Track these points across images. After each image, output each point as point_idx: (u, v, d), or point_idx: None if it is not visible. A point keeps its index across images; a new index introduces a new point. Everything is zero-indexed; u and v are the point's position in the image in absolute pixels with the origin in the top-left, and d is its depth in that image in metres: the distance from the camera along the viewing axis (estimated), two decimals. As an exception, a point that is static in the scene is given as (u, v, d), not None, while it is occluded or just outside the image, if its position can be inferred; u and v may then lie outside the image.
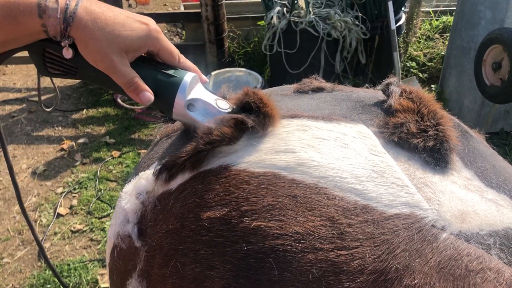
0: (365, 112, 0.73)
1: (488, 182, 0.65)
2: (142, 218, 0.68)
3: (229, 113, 0.69)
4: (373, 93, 0.80)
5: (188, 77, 0.69)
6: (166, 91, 0.69)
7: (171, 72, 0.70)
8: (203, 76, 0.76)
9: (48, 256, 2.48)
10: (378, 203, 0.56)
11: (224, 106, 0.70)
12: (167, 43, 0.70)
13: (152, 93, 0.68)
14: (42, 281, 2.33)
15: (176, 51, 0.72)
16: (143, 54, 0.72)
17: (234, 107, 0.70)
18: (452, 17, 3.71)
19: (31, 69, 4.49)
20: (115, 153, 3.30)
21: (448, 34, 4.03)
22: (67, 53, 0.67)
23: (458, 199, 0.60)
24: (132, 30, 0.66)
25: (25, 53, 0.72)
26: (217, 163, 0.63)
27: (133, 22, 0.67)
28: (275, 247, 0.54)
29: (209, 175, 0.62)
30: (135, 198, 0.70)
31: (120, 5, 3.94)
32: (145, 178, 0.70)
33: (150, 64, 0.70)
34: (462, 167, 0.66)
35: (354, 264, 0.53)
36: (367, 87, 0.91)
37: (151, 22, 0.69)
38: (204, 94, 0.71)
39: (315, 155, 0.60)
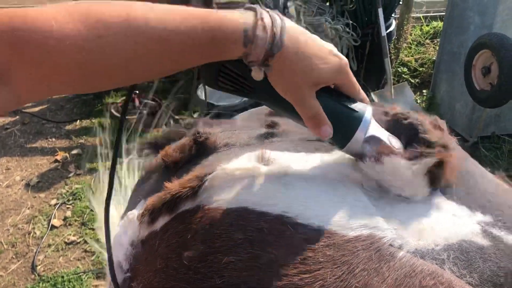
0: None
1: (449, 195, 0.68)
2: (134, 260, 0.72)
3: (399, 152, 0.67)
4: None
5: (368, 112, 0.66)
6: (346, 125, 0.66)
7: (352, 105, 0.66)
8: (367, 99, 0.72)
9: (42, 269, 2.49)
10: (339, 227, 0.60)
11: (397, 145, 0.68)
12: (352, 77, 0.67)
13: (332, 128, 0.64)
14: (35, 294, 2.34)
15: (358, 84, 0.68)
16: None
17: (406, 152, 0.67)
18: (442, 23, 3.74)
19: None
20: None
21: (438, 40, 4.06)
22: (258, 76, 0.62)
23: (416, 216, 0.63)
24: (327, 64, 0.63)
25: None
26: (195, 203, 0.67)
27: (327, 54, 0.64)
28: (245, 279, 0.58)
29: (188, 215, 0.66)
30: (126, 245, 0.74)
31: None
32: (132, 219, 0.73)
33: (333, 95, 0.67)
34: None
35: (316, 285, 0.56)
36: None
37: (342, 56, 0.66)
38: (379, 131, 0.68)
39: (280, 187, 0.64)
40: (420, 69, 4.17)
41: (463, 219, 0.65)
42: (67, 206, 2.94)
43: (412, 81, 4.10)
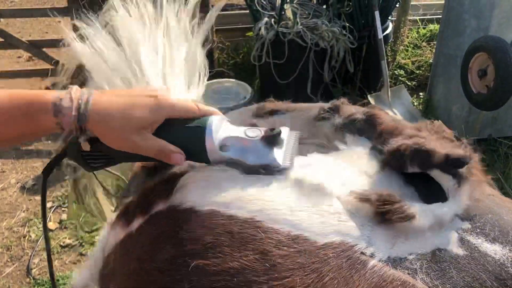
0: (312, 133, 0.75)
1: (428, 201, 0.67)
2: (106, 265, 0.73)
3: (260, 139, 0.70)
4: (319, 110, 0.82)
5: (210, 120, 0.70)
6: (195, 143, 0.69)
7: (194, 124, 0.70)
8: (220, 113, 0.76)
9: (37, 272, 2.49)
10: (310, 232, 0.59)
11: (254, 134, 0.71)
12: (180, 104, 0.71)
13: (182, 152, 0.69)
14: (30, 297, 2.33)
15: (191, 105, 0.72)
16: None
17: (263, 133, 0.71)
18: (439, 26, 3.74)
19: (21, 83, 4.51)
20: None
21: (435, 42, 4.06)
22: (85, 146, 0.71)
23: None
24: (143, 108, 0.68)
25: (13, 67, 0.76)
26: (167, 203, 0.67)
27: (142, 99, 0.69)
28: (212, 284, 0.57)
29: (160, 217, 0.66)
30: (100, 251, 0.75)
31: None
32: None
33: (174, 124, 0.71)
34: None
35: None
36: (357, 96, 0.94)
37: (160, 92, 0.71)
38: (231, 130, 0.72)
39: (252, 189, 0.63)
40: (417, 71, 4.16)
41: (442, 229, 0.63)
42: (63, 209, 2.94)
43: (409, 83, 4.10)
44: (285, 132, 0.71)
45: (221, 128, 0.71)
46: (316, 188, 0.63)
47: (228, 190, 0.64)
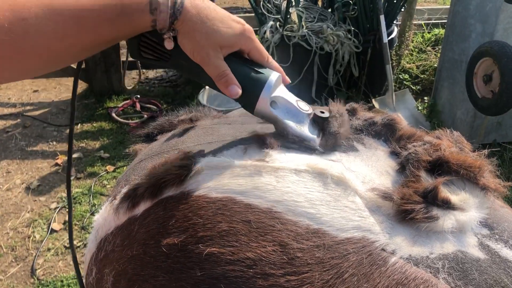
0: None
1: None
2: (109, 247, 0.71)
3: (308, 115, 0.73)
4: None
5: (274, 76, 0.72)
6: (253, 86, 0.71)
7: (259, 69, 0.73)
8: (287, 78, 0.78)
9: (41, 273, 2.49)
10: (330, 227, 0.57)
11: (305, 107, 0.74)
12: (258, 43, 0.74)
13: (240, 88, 0.71)
14: (34, 297, 2.33)
15: (265, 52, 0.75)
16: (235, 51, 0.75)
17: (312, 111, 0.74)
18: (444, 30, 3.74)
19: (26, 84, 4.52)
20: (110, 168, 3.31)
21: (440, 47, 4.06)
22: (169, 44, 0.70)
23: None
24: (230, 28, 0.70)
25: None
26: (180, 189, 0.64)
27: (230, 20, 0.71)
28: (226, 273, 0.55)
29: (171, 202, 0.64)
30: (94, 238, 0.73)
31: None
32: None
33: (241, 60, 0.74)
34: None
35: None
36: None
37: (246, 24, 0.74)
38: (286, 94, 0.74)
39: (271, 179, 0.62)
40: (422, 76, 4.16)
41: (460, 232, 0.63)
42: (67, 210, 2.93)
43: (414, 88, 4.10)
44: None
45: (278, 87, 0.73)
46: (338, 183, 0.62)
47: (245, 178, 0.62)
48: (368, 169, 0.67)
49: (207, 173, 0.65)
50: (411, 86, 4.09)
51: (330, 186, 0.62)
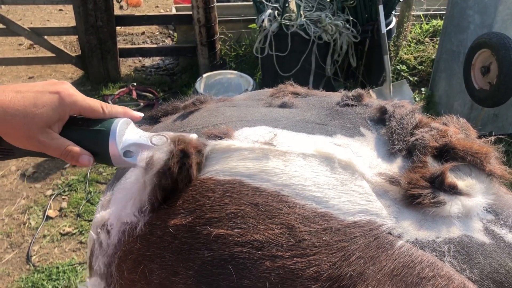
0: (337, 118, 0.74)
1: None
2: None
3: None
4: (343, 97, 0.82)
5: (115, 124, 0.69)
6: (99, 146, 0.68)
7: (98, 126, 0.69)
8: (135, 113, 0.75)
9: (37, 259, 2.49)
10: (337, 210, 0.58)
11: (159, 141, 0.69)
12: (85, 101, 0.69)
13: (89, 154, 0.68)
14: (30, 284, 2.33)
15: (97, 104, 0.70)
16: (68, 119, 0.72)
17: (169, 139, 0.68)
18: (442, 21, 3.74)
19: (21, 70, 4.49)
20: (106, 156, 3.30)
21: (438, 38, 4.06)
22: None
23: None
24: (45, 105, 0.65)
25: (14, 54, 0.72)
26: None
27: (43, 96, 0.66)
28: (234, 254, 0.56)
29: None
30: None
31: (111, 7, 3.94)
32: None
33: (79, 125, 0.70)
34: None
35: (310, 271, 0.54)
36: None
37: (63, 88, 0.68)
38: (137, 136, 0.70)
39: (279, 163, 0.62)
40: (419, 67, 4.17)
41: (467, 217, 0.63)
42: (63, 197, 2.93)
43: (411, 79, 4.10)
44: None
45: (127, 131, 0.70)
46: (345, 167, 0.62)
47: (252, 162, 0.62)
48: (374, 154, 0.67)
49: (214, 156, 0.65)
50: (409, 77, 4.10)
51: (337, 171, 0.62)
